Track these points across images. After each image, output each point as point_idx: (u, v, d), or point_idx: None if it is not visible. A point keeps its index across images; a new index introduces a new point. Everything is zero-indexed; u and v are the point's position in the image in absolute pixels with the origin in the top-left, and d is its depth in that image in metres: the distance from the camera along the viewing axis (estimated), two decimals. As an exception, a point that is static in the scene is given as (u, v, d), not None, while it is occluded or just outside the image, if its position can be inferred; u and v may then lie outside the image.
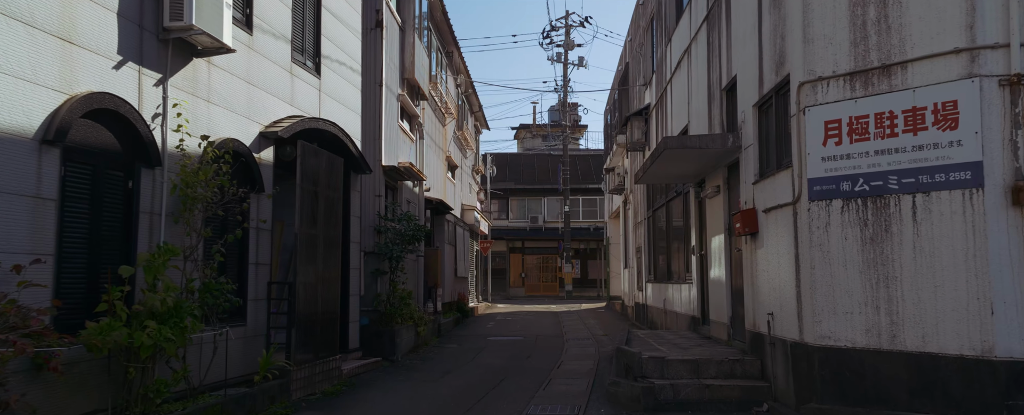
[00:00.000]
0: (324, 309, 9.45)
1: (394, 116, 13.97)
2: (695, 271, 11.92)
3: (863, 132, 6.25)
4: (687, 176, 11.63)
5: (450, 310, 20.06)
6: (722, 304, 10.14)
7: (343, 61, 11.08)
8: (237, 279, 8.09)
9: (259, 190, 8.31)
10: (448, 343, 15.11)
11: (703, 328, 11.43)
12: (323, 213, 9.47)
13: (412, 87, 15.53)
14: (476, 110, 27.88)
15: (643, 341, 10.45)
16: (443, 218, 19.31)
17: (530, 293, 39.81)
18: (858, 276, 6.27)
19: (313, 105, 9.96)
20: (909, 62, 6.05)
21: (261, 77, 8.52)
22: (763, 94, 7.97)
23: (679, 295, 13.39)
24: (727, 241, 9.89)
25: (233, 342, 7.71)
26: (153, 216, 6.50)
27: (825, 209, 6.51)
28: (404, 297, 12.79)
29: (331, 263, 9.73)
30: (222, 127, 7.63)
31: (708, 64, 10.66)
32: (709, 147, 8.96)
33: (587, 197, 39.92)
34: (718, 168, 10.12)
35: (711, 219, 10.77)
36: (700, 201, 11.77)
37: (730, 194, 9.89)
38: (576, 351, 13.51)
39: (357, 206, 11.50)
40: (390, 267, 12.78)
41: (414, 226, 13.37)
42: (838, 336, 6.35)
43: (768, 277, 7.78)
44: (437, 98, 18.65)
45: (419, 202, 16.11)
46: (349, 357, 10.94)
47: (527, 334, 17.06)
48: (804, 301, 6.69)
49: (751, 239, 8.42)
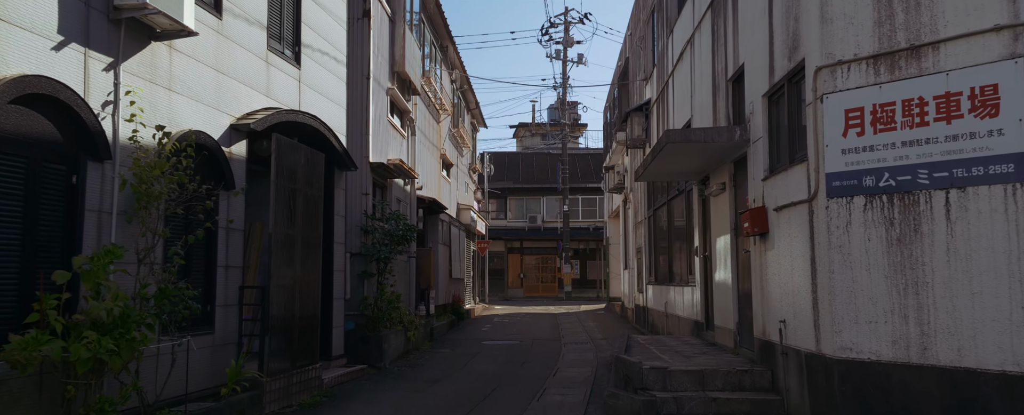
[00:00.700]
0: (303, 314, 8.83)
1: (383, 111, 13.35)
2: (698, 273, 11.30)
3: (889, 121, 5.62)
4: (690, 173, 11.00)
5: (444, 313, 19.44)
6: (728, 309, 9.51)
7: (326, 51, 10.46)
8: (204, 283, 7.47)
9: (229, 187, 7.69)
10: (440, 348, 14.49)
11: (707, 334, 10.80)
12: (302, 212, 8.85)
13: (403, 81, 14.91)
14: (473, 107, 27.25)
15: (643, 348, 9.82)
16: (437, 218, 18.68)
17: (529, 294, 39.18)
18: (883, 281, 5.64)
19: (292, 97, 9.34)
20: (942, 42, 5.41)
21: (232, 65, 7.89)
22: (774, 83, 7.34)
23: (681, 298, 12.76)
24: (733, 242, 9.27)
25: (198, 352, 7.09)
26: (102, 215, 5.88)
27: (845, 207, 5.88)
28: (392, 300, 12.16)
29: (311, 265, 9.11)
30: (186, 118, 7.00)
31: (713, 54, 10.04)
32: (714, 141, 8.33)
33: (587, 196, 39.29)
34: (723, 164, 9.50)
35: (716, 218, 10.14)
36: (704, 199, 11.14)
37: (737, 192, 9.27)
38: (573, 357, 12.90)
39: (342, 205, 10.88)
40: (378, 269, 12.16)
41: (404, 226, 12.75)
42: (861, 348, 5.71)
43: (780, 281, 7.16)
44: (430, 94, 18.03)
45: (411, 201, 15.49)
46: (332, 364, 10.31)
47: (523, 338, 16.43)
48: (821, 308, 6.06)
49: (760, 240, 7.80)
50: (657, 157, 9.32)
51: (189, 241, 6.47)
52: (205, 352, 7.28)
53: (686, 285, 12.37)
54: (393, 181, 13.88)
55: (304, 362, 8.77)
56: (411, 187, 15.53)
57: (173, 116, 6.81)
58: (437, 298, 18.21)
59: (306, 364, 8.80)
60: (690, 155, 9.33)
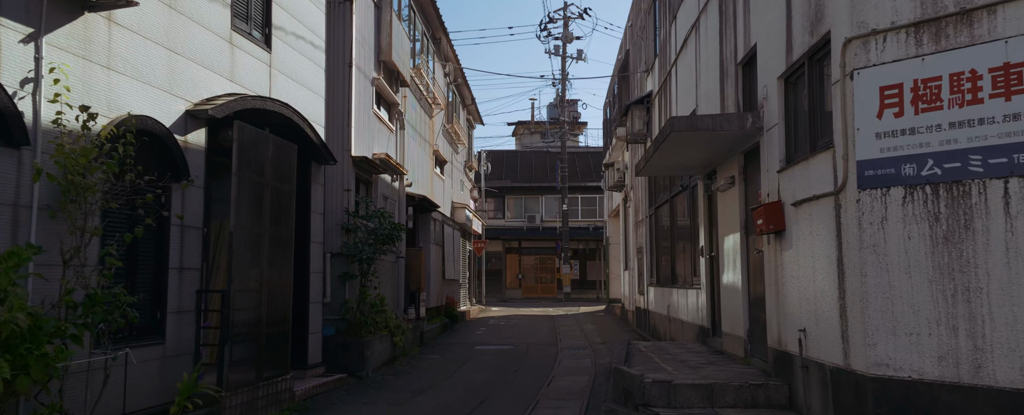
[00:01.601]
0: (271, 320, 8.03)
1: (368, 102, 12.55)
2: (704, 275, 10.49)
3: (933, 99, 4.82)
4: (695, 167, 10.20)
5: (437, 315, 18.63)
6: (737, 314, 8.71)
7: (301, 35, 9.66)
8: (153, 287, 6.68)
9: (183, 180, 6.88)
10: (430, 353, 13.68)
11: (713, 340, 10.00)
12: (271, 208, 8.05)
13: (390, 72, 14.11)
14: (469, 103, 26.44)
15: (644, 357, 9.02)
16: (429, 216, 17.88)
17: (527, 295, 38.34)
18: (927, 286, 4.84)
19: (261, 83, 8.54)
20: (999, 4, 4.61)
21: (188, 44, 7.09)
22: (792, 62, 6.54)
23: (685, 302, 11.96)
24: (743, 241, 8.46)
25: (145, 365, 6.30)
26: (19, 209, 5.08)
27: (880, 200, 5.07)
28: (376, 303, 11.36)
29: (281, 266, 8.30)
30: (129, 101, 6.20)
31: (720, 36, 9.23)
32: (723, 128, 7.53)
33: (586, 195, 38.45)
34: (732, 156, 8.70)
35: (724, 216, 9.34)
36: (710, 195, 10.34)
37: (747, 186, 8.47)
38: (570, 363, 12.10)
39: (320, 201, 10.08)
40: (360, 270, 11.35)
41: (389, 224, 11.95)
42: (899, 364, 4.91)
43: (799, 285, 6.35)
44: (422, 87, 17.22)
45: (399, 198, 14.69)
46: (308, 374, 9.51)
47: (518, 342, 15.62)
48: (851, 317, 5.26)
49: (776, 239, 7.00)
50: (660, 148, 8.51)
51: (126, 240, 5.66)
52: (153, 365, 6.48)
53: (690, 288, 11.57)
54: (379, 177, 13.08)
55: (273, 373, 7.97)
56: (400, 184, 14.72)
57: (113, 99, 6.01)
58: (429, 300, 17.41)
59: (275, 375, 8.00)
60: (696, 146, 8.53)
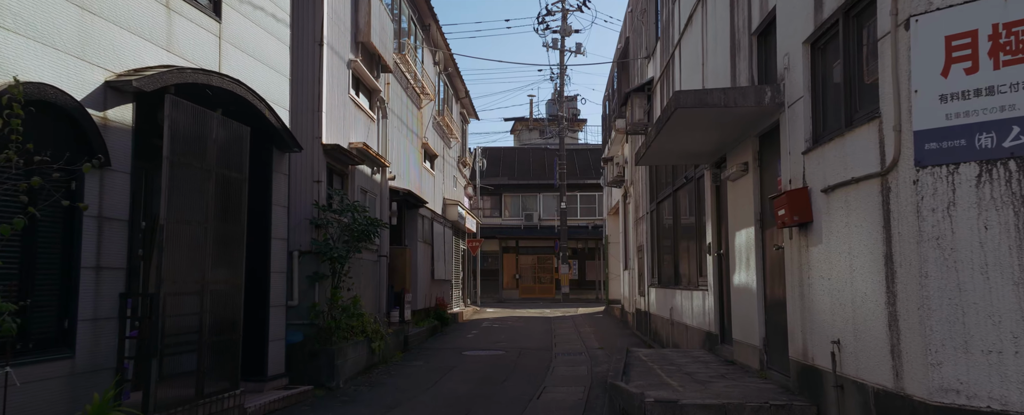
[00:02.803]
0: (216, 327, 6.96)
1: (343, 86, 11.48)
2: (712, 275, 9.43)
3: (1020, 49, 3.75)
4: (702, 154, 9.13)
5: (425, 318, 17.56)
6: (751, 320, 7.65)
7: (260, 5, 8.58)
8: (59, 291, 5.61)
9: (101, 164, 5.81)
10: (414, 360, 12.61)
11: (723, 348, 8.93)
12: (217, 198, 6.98)
13: (370, 55, 13.04)
14: (462, 96, 25.36)
15: (645, 367, 7.95)
16: (416, 212, 16.80)
17: (524, 296, 37.25)
18: (1011, 290, 3.77)
19: (207, 55, 7.47)
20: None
21: (109, 5, 6.02)
22: (822, 21, 5.47)
23: (690, 304, 10.89)
24: (759, 236, 7.40)
25: (44, 384, 5.24)
26: None
27: (946, 180, 4.01)
28: (347, 307, 10.29)
29: (229, 265, 7.24)
30: (26, 66, 5.13)
31: (731, 6, 8.17)
32: (737, 104, 6.46)
33: (585, 193, 37.35)
34: (746, 139, 7.64)
35: (735, 208, 8.28)
36: (718, 187, 9.28)
37: (763, 173, 7.41)
38: (565, 371, 11.03)
39: (283, 193, 9.00)
40: (332, 270, 10.28)
41: (365, 219, 10.88)
42: (973, 390, 3.84)
43: (832, 287, 5.29)
44: (409, 75, 16.16)
45: (381, 192, 13.62)
46: (268, 387, 8.43)
47: (511, 347, 14.54)
48: (905, 328, 4.19)
49: (800, 232, 5.93)
50: (663, 130, 7.45)
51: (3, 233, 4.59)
52: (56, 384, 5.40)
53: (696, 289, 10.50)
54: (357, 168, 12.01)
55: (218, 387, 6.91)
56: (382, 177, 13.65)
57: (2, 62, 4.95)
58: (415, 302, 16.35)
59: (221, 390, 6.94)
60: (704, 127, 7.47)
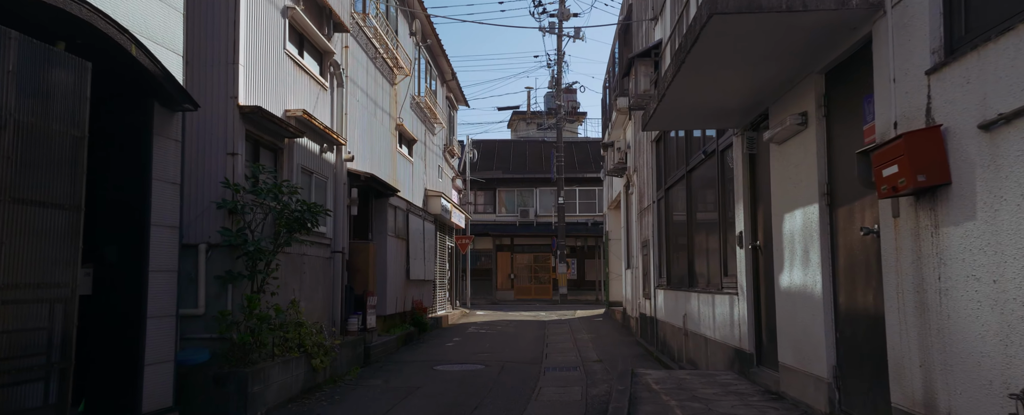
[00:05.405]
0: (15, 351, 4.69)
1: (275, 37, 9.19)
2: (743, 274, 7.14)
3: None
4: (731, 111, 6.82)
5: (398, 325, 15.27)
6: (811, 338, 5.34)
7: (132, -93, 6.30)
8: None
9: None
10: (371, 378, 10.28)
11: (760, 373, 6.64)
12: (20, 160, 4.72)
13: (318, 6, 10.75)
14: (449, 79, 23.04)
15: (657, 403, 5.64)
16: (386, 202, 14.51)
17: (520, 297, 34.93)
18: None
19: (26, -43, 5.18)
20: None
21: None
22: None
23: (711, 312, 8.59)
24: (827, 217, 5.10)
25: None
26: None
27: None
28: (268, 316, 7.99)
29: (49, 261, 4.96)
30: None
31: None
32: (807, 8, 4.14)
33: (584, 188, 35.02)
34: (803, 78, 5.34)
35: (783, 181, 5.97)
36: (752, 155, 6.99)
37: (832, 125, 5.11)
38: (553, 394, 8.74)
39: (171, 166, 6.71)
40: (250, 268, 8.00)
41: (299, 203, 8.60)
42: None
43: (1005, 296, 2.99)
44: (377, 43, 13.86)
45: (335, 176, 11.32)
46: (141, 426, 6.16)
47: (493, 359, 12.23)
48: None
49: (925, 203, 3.63)
50: (685, 64, 5.12)
51: None
52: None
53: (719, 292, 8.20)
54: (296, 142, 9.70)
55: (28, 441, 4.63)
56: (336, 157, 11.36)
57: None
58: (384, 306, 14.05)
59: (32, 444, 4.66)
60: (743, 60, 5.16)
